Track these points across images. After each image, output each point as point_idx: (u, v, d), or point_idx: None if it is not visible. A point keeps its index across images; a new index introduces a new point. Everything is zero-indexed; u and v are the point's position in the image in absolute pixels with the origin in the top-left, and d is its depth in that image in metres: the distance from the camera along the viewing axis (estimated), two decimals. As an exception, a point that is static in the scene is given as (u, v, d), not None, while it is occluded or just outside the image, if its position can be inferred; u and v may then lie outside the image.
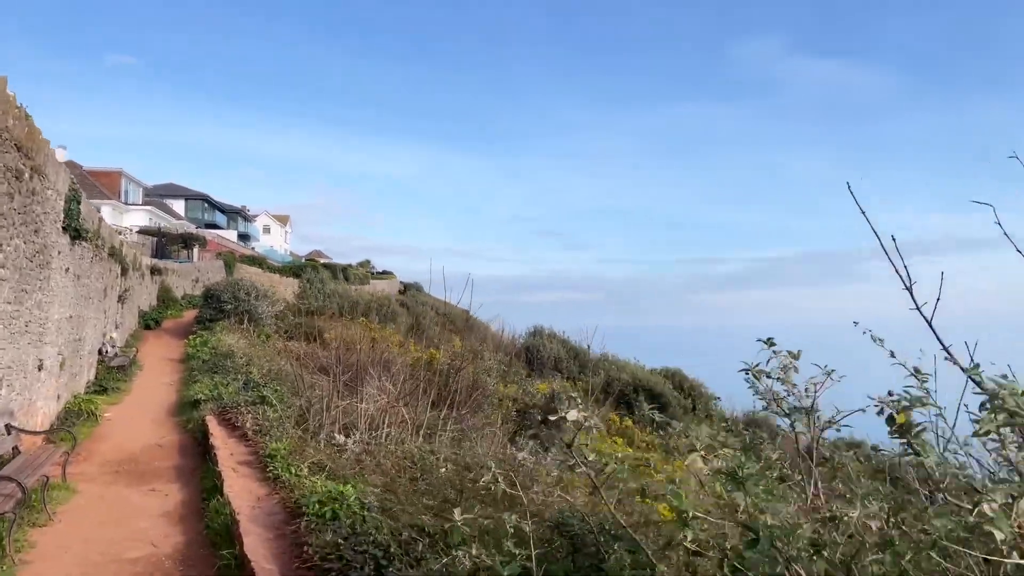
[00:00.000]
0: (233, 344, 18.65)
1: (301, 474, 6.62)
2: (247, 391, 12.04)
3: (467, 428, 12.60)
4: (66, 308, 11.07)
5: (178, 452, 9.76)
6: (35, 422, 9.44)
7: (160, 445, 10.11)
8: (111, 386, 15.04)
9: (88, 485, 7.84)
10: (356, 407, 10.65)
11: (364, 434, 10.37)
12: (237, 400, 10.81)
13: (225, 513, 5.82)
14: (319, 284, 34.24)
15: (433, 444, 11.01)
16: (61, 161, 10.02)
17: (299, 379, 12.34)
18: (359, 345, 11.39)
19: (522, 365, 31.44)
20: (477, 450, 11.77)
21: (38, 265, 8.53)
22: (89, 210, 12.38)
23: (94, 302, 14.71)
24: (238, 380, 13.24)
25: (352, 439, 9.69)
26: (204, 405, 11.68)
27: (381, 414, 10.70)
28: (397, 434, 10.78)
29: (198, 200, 70.92)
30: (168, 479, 8.25)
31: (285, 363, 17.12)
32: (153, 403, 13.82)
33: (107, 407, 13.32)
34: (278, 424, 9.22)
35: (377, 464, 8.88)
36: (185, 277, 37.69)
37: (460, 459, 9.60)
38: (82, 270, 12.25)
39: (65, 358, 11.55)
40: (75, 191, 10.05)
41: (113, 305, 18.58)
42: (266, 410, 9.86)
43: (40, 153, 7.97)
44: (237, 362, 15.71)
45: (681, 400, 29.48)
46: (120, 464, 8.99)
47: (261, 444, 8.17)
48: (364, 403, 10.71)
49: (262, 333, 22.85)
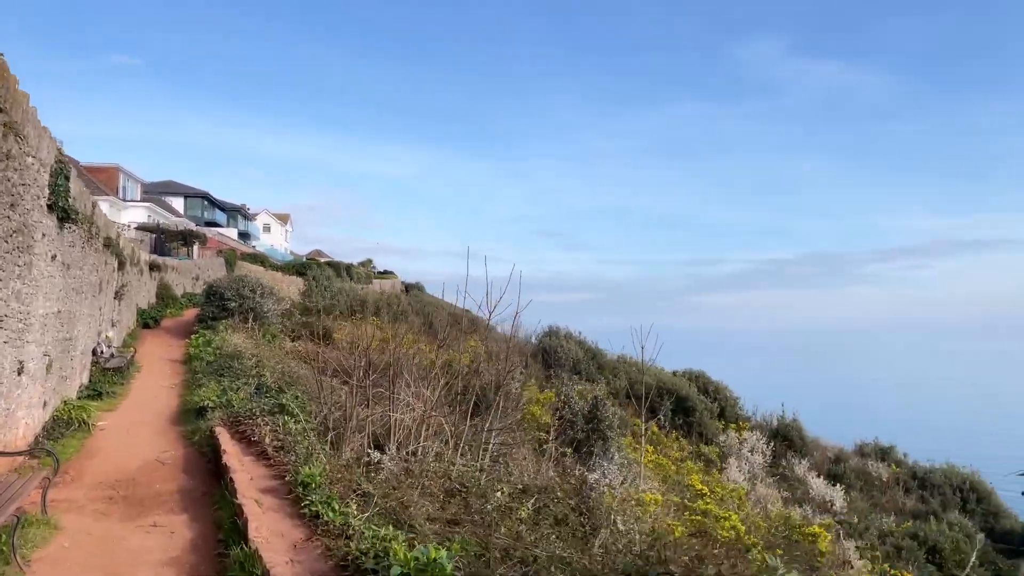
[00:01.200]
0: (239, 344, 17.19)
1: (348, 511, 5.14)
2: (260, 397, 10.57)
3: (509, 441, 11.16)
4: (53, 302, 9.59)
5: (183, 470, 8.28)
6: (14, 435, 7.97)
7: (162, 462, 8.63)
8: (106, 390, 13.57)
9: (74, 518, 6.34)
10: (388, 417, 9.19)
11: (400, 448, 8.94)
12: (250, 408, 9.34)
13: (255, 574, 4.33)
14: (325, 282, 32.76)
15: (475, 459, 9.57)
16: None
17: (318, 384, 10.88)
18: (391, 345, 9.89)
19: (539, 366, 30.01)
20: (527, 467, 10.33)
21: (15, 248, 7.06)
22: (81, 190, 10.89)
23: (87, 297, 13.23)
24: (249, 384, 11.78)
25: (387, 455, 8.23)
26: (212, 413, 10.22)
27: (417, 425, 9.25)
28: (435, 448, 9.34)
29: (198, 198, 69.36)
30: (173, 508, 6.76)
31: (297, 365, 15.68)
32: (153, 409, 12.35)
33: (101, 414, 11.85)
34: (302, 438, 7.76)
35: (422, 487, 7.43)
36: (185, 274, 36.20)
37: (516, 480, 8.16)
38: (72, 259, 10.77)
39: (52, 359, 10.08)
40: (63, 164, 8.57)
41: (109, 301, 17.09)
42: (286, 421, 8.39)
43: (16, 108, 6.50)
44: (245, 364, 14.25)
45: (707, 404, 28.10)
46: (114, 487, 7.51)
47: (286, 465, 6.70)
48: (398, 412, 9.26)
49: (268, 333, 21.36)
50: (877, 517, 24.21)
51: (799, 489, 24.15)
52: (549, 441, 12.39)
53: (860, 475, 28.36)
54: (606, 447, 12.55)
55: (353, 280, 51.66)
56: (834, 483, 24.81)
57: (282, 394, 11.13)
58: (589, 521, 7.00)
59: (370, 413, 9.23)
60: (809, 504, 22.41)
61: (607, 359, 32.60)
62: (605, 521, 6.95)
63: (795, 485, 25.01)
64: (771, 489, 21.81)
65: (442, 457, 9.06)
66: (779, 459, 27.21)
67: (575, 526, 6.83)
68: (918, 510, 27.07)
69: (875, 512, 25.76)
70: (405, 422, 9.17)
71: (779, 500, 20.97)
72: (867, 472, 29.02)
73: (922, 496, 28.35)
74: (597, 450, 12.34)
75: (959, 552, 21.44)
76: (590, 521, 7.01)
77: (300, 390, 10.93)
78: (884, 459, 31.30)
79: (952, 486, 28.58)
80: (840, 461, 28.28)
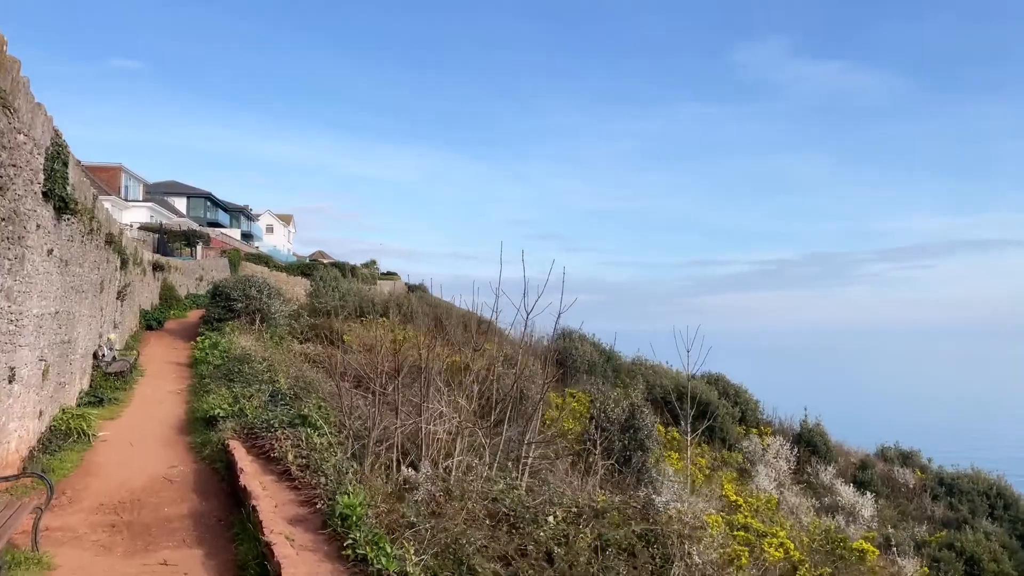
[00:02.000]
0: (247, 347, 16.31)
1: (403, 554, 4.24)
2: (277, 406, 9.69)
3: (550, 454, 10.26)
4: (50, 301, 8.72)
5: (194, 489, 7.39)
6: (5, 450, 7.10)
7: (170, 479, 7.74)
8: (108, 396, 12.69)
9: (71, 553, 5.44)
10: (419, 428, 8.30)
11: (433, 464, 8.05)
12: (267, 419, 8.44)
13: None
14: (333, 282, 31.85)
15: (514, 476, 8.68)
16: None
17: (339, 391, 9.98)
18: (421, 350, 8.99)
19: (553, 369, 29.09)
20: (570, 483, 9.43)
21: (5, 239, 6.18)
22: (80, 180, 10.01)
23: (88, 297, 12.36)
24: (262, 391, 10.89)
25: (422, 472, 7.34)
26: (223, 424, 9.33)
27: (451, 438, 8.36)
28: (470, 463, 8.46)
29: (200, 198, 68.49)
30: (185, 539, 5.85)
31: (310, 369, 14.79)
32: (158, 418, 11.48)
33: (103, 423, 10.98)
34: (329, 455, 6.87)
35: (466, 512, 6.55)
36: (189, 275, 35.32)
37: (571, 502, 7.26)
38: (72, 255, 9.90)
39: (49, 364, 9.20)
40: (60, 147, 7.69)
41: (111, 302, 16.22)
42: (309, 434, 7.49)
43: (6, 75, 5.64)
44: (256, 368, 13.36)
45: (729, 408, 27.17)
46: (117, 510, 6.62)
47: (315, 488, 5.82)
48: (429, 423, 8.37)
49: (275, 335, 20.45)
50: (909, 526, 23.33)
51: (826, 497, 23.29)
52: (584, 452, 11.50)
53: (887, 482, 27.49)
54: (643, 458, 11.65)
55: (359, 281, 50.76)
56: (863, 491, 23.90)
57: (298, 401, 10.25)
58: (660, 551, 6.12)
59: (399, 424, 8.34)
60: (840, 513, 21.53)
61: (622, 362, 31.72)
62: (678, 551, 6.07)
63: (820, 492, 24.14)
64: (800, 498, 20.90)
65: (477, 472, 8.18)
66: (803, 465, 26.34)
67: (644, 558, 5.96)
68: (948, 518, 26.23)
69: (904, 520, 24.89)
70: (439, 434, 8.28)
71: (811, 510, 20.06)
72: (893, 478, 28.15)
73: (950, 503, 27.51)
74: (635, 461, 11.44)
75: (996, 562, 20.57)
76: (661, 551, 6.14)
77: (318, 397, 10.03)
78: (905, 463, 30.48)
79: (979, 492, 27.77)
80: (866, 467, 27.36)
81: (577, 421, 13.92)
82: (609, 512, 6.64)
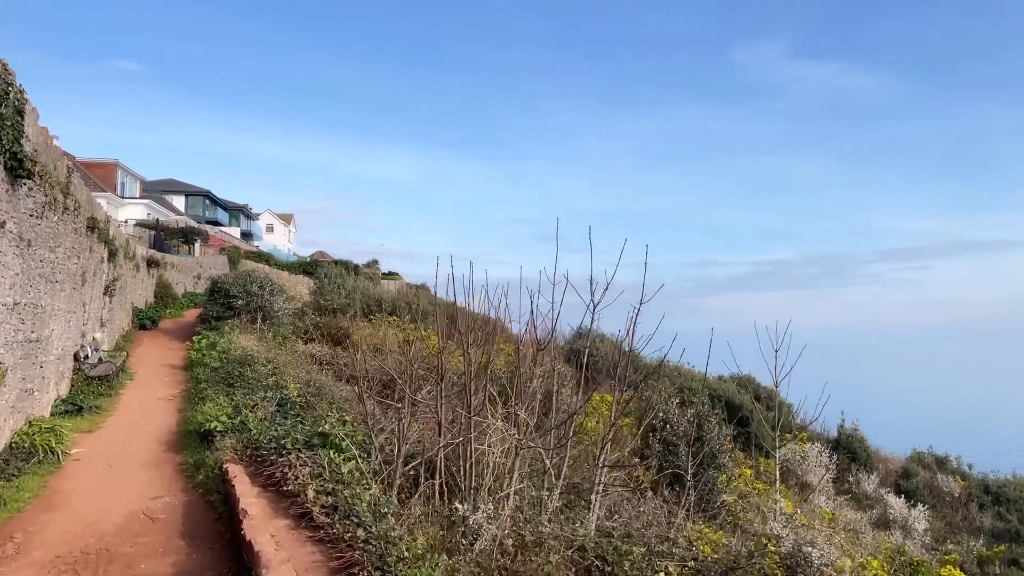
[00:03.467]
0: (249, 347, 14.57)
1: None
2: (287, 418, 7.94)
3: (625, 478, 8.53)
4: (5, 289, 6.98)
5: (183, 533, 5.64)
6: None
7: (152, 517, 5.99)
8: (89, 404, 10.94)
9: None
10: (467, 448, 6.55)
11: (491, 494, 6.32)
12: (277, 436, 6.68)
13: None
14: (339, 280, 30.12)
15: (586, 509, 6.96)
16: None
17: (360, 400, 8.23)
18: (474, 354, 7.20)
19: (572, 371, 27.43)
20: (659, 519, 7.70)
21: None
22: (47, 143, 8.25)
23: (65, 289, 10.62)
24: (268, 400, 9.13)
25: (481, 511, 5.59)
26: (221, 440, 7.57)
27: (511, 461, 6.62)
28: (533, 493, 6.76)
29: (199, 196, 66.72)
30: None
31: (319, 373, 13.06)
32: (144, 430, 9.74)
33: (78, 437, 9.24)
34: (362, 489, 5.13)
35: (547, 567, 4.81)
36: (186, 272, 33.58)
37: (684, 552, 5.52)
38: (38, 235, 8.15)
39: (7, 367, 7.47)
40: (10, 87, 5.95)
41: (97, 297, 14.47)
42: (334, 459, 5.74)
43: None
44: (259, 372, 11.63)
45: (764, 412, 25.49)
46: (77, 566, 4.88)
47: (349, 543, 4.09)
48: (482, 441, 6.63)
49: (278, 334, 18.73)
50: (964, 539, 21.62)
51: (874, 508, 21.61)
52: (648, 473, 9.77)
53: (931, 490, 25.79)
54: (716, 478, 9.92)
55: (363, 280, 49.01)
56: (913, 502, 22.17)
57: (310, 410, 8.52)
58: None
59: (443, 443, 6.60)
60: (894, 527, 19.85)
61: (643, 363, 30.00)
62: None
63: (864, 502, 22.50)
64: (855, 511, 19.17)
65: (544, 506, 6.45)
66: (843, 474, 24.70)
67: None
68: (998, 528, 24.64)
69: (953, 533, 23.24)
70: (495, 456, 6.54)
71: (868, 526, 18.27)
72: (937, 487, 26.46)
73: (998, 512, 25.86)
74: (706, 482, 9.68)
75: (1061, 578, 18.90)
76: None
77: (338, 408, 8.28)
78: (942, 469, 28.92)
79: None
80: (910, 476, 25.63)
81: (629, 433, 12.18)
82: (740, 568, 4.91)
